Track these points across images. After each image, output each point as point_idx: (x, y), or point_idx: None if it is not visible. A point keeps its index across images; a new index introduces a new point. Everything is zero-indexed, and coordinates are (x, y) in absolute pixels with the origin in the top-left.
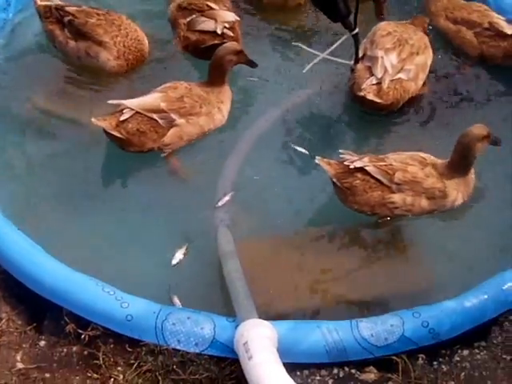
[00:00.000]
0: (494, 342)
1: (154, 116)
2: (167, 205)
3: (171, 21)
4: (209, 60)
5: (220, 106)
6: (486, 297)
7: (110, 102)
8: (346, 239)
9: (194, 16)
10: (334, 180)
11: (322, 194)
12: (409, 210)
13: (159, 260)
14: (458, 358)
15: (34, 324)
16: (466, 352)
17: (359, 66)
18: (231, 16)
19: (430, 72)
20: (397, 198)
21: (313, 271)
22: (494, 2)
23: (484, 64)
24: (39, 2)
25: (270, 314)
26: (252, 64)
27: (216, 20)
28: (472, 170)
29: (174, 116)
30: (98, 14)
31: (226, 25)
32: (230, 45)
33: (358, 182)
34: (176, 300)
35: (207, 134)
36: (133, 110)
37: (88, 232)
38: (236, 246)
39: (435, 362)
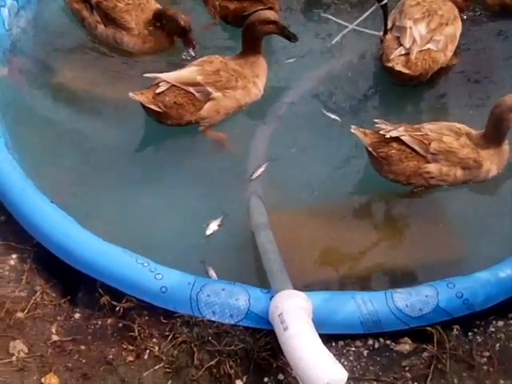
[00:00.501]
0: None
1: (191, 89)
2: (204, 177)
3: None
4: None
5: (255, 80)
6: None
7: (146, 75)
8: (379, 209)
9: None
10: (370, 149)
11: (357, 164)
12: (444, 179)
13: (194, 231)
14: (492, 329)
15: (69, 297)
16: (500, 323)
17: (388, 36)
18: None
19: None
20: (432, 167)
21: (346, 241)
22: None
23: None
24: None
25: (304, 285)
26: (289, 37)
27: None
28: (506, 141)
29: (210, 89)
30: None
31: None
32: (263, 13)
33: (393, 151)
34: (212, 272)
35: (244, 108)
36: (169, 83)
37: (122, 204)
38: (269, 215)
39: (470, 333)
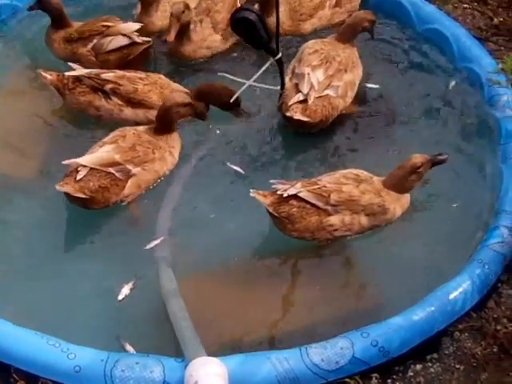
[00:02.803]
0: (446, 352)
1: (111, 170)
2: (113, 246)
3: (64, 55)
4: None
5: (171, 149)
6: (432, 309)
7: (64, 162)
8: (289, 266)
9: (95, 40)
10: (271, 210)
11: (262, 224)
12: (349, 229)
13: (105, 300)
14: (411, 373)
15: None
16: (419, 366)
17: (288, 84)
18: (134, 25)
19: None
20: (334, 219)
21: (258, 302)
22: None
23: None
24: (50, 77)
25: (219, 350)
26: (202, 117)
27: (123, 34)
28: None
29: (129, 167)
30: (140, 79)
31: (136, 33)
32: (178, 96)
33: (294, 209)
34: (129, 347)
35: (162, 178)
36: (87, 167)
37: (30, 285)
38: (179, 283)
39: (389, 380)
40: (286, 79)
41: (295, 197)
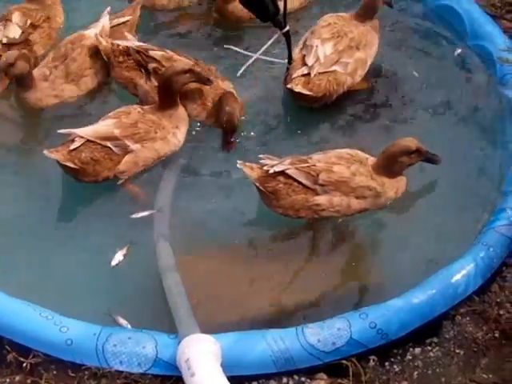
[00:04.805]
0: (447, 336)
1: (108, 143)
2: (111, 214)
3: None
4: None
5: (175, 131)
6: (433, 291)
7: (60, 131)
8: (287, 246)
9: None
10: (257, 184)
11: (255, 200)
12: (337, 211)
13: (99, 271)
14: (410, 357)
15: None
16: (418, 350)
17: (297, 55)
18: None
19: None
20: (322, 199)
21: (255, 281)
22: None
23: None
24: (104, 43)
25: (213, 328)
26: (205, 81)
27: None
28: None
29: (128, 142)
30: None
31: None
32: (177, 65)
33: (280, 185)
34: (122, 320)
35: (163, 158)
36: (84, 138)
37: (21, 255)
38: (176, 259)
39: (387, 363)
40: (297, 50)
41: (283, 173)
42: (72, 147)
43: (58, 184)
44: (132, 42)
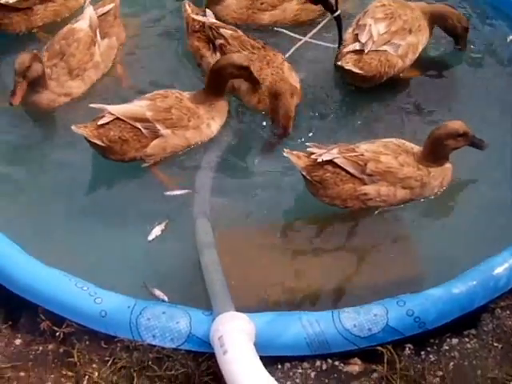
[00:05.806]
0: (485, 329)
1: (138, 125)
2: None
3: None
4: None
5: (210, 122)
6: (474, 283)
7: (92, 105)
8: (325, 229)
9: None
10: (304, 173)
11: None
12: (383, 200)
13: (136, 246)
14: (446, 347)
15: (10, 322)
16: (455, 341)
17: (349, 34)
18: None
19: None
20: (370, 189)
21: (293, 262)
22: None
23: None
24: (191, 14)
25: (248, 307)
26: (256, 81)
27: None
28: (448, 162)
29: (159, 126)
30: (252, 47)
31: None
32: (237, 57)
33: (328, 174)
34: (158, 292)
35: (193, 147)
36: (114, 115)
37: (62, 227)
38: (215, 235)
39: (423, 352)
40: (350, 30)
41: (331, 162)
42: (100, 122)
43: (96, 158)
44: (208, 18)
